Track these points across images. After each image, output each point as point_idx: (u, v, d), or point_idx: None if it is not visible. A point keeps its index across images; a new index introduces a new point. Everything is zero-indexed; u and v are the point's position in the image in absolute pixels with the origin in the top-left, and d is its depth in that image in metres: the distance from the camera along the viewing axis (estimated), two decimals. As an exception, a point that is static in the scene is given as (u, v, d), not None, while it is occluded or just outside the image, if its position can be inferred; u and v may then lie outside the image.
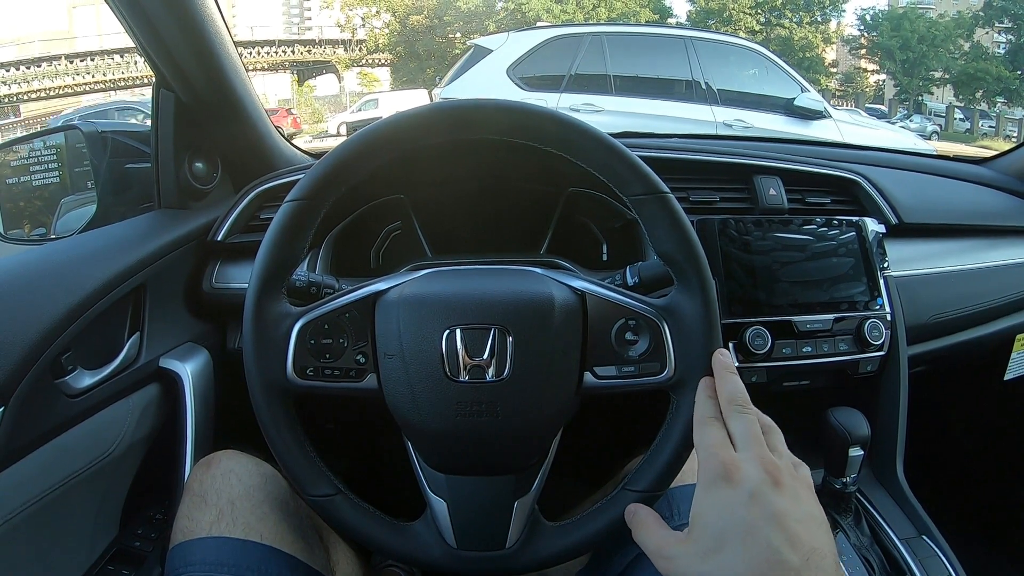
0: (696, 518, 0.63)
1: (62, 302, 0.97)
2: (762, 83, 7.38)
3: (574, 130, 0.80)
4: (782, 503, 0.60)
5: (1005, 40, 29.37)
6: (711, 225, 1.27)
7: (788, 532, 0.58)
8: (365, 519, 0.82)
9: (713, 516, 0.61)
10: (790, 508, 0.60)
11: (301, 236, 0.80)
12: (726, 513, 0.60)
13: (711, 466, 0.64)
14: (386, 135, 0.80)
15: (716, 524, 0.61)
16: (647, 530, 0.69)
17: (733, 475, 0.62)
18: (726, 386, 0.72)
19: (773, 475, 0.62)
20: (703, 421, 0.70)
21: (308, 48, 36.80)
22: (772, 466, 0.63)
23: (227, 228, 1.28)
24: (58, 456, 0.98)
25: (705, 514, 0.62)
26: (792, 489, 0.62)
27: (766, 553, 0.57)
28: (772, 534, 0.57)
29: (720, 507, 0.61)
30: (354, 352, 0.81)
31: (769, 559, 0.56)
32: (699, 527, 0.62)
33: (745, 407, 0.70)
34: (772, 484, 0.61)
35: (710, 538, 0.60)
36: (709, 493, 0.63)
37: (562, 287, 0.83)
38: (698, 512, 0.63)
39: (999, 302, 1.52)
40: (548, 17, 28.17)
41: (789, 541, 0.57)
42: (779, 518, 0.58)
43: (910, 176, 1.58)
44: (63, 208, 1.56)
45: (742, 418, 0.68)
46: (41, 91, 29.84)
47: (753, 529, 0.58)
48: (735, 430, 0.68)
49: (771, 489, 0.61)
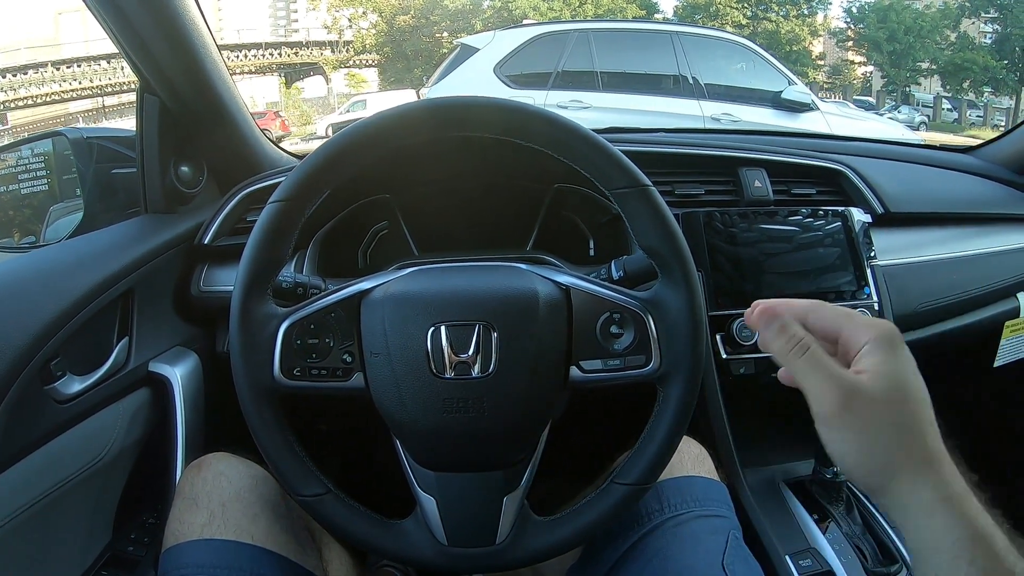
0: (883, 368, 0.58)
1: (50, 308, 0.97)
2: (749, 77, 7.39)
3: (557, 126, 0.81)
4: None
5: (991, 30, 29.44)
6: (696, 218, 1.28)
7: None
8: (355, 518, 0.82)
9: (904, 370, 0.58)
10: None
11: (285, 237, 0.80)
12: (915, 372, 0.59)
13: (884, 328, 0.60)
14: (370, 134, 0.80)
15: (907, 378, 0.58)
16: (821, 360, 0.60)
17: (897, 336, 0.60)
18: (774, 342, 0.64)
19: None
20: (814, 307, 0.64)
21: (295, 50, 36.69)
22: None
23: (214, 231, 1.28)
24: (49, 462, 0.98)
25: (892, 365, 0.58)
26: None
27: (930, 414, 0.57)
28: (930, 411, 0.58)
29: (911, 364, 0.59)
30: (340, 351, 0.81)
31: (931, 419, 0.57)
32: (888, 374, 0.57)
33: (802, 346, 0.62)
34: None
35: (900, 387, 0.57)
36: (898, 350, 0.59)
37: (546, 282, 0.83)
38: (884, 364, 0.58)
39: (987, 289, 1.53)
40: (535, 15, 28.15)
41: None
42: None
43: (896, 166, 1.58)
44: (52, 216, 1.56)
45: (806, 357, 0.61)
46: (28, 99, 29.69)
47: (927, 397, 0.58)
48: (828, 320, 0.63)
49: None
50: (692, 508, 0.93)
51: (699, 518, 0.93)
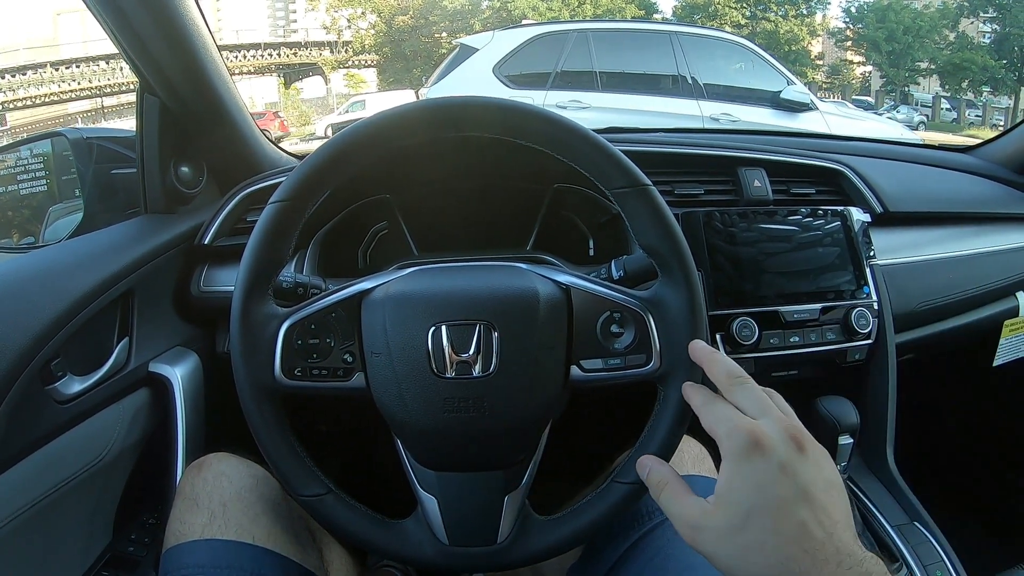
0: (726, 492, 0.61)
1: (50, 309, 0.97)
2: (748, 77, 7.39)
3: (557, 126, 0.81)
4: (808, 473, 0.59)
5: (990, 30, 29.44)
6: (696, 217, 1.28)
7: (815, 505, 0.57)
8: (356, 518, 0.82)
9: (743, 490, 0.59)
10: (815, 478, 0.59)
11: (286, 237, 0.80)
12: (757, 488, 0.59)
13: (737, 438, 0.61)
14: (370, 134, 0.81)
15: (747, 500, 0.59)
16: (672, 495, 0.66)
17: (762, 442, 0.60)
18: (720, 366, 0.70)
19: (797, 440, 0.61)
20: (707, 402, 0.69)
21: (294, 51, 36.68)
22: (794, 430, 0.62)
23: (214, 231, 1.28)
24: (49, 463, 0.98)
25: (736, 488, 0.60)
26: (814, 454, 0.61)
27: (794, 530, 0.56)
28: (801, 510, 0.57)
29: (751, 481, 0.59)
30: (341, 351, 0.82)
31: (798, 534, 0.56)
32: (729, 502, 0.60)
33: (745, 379, 0.68)
34: (798, 451, 0.60)
35: (740, 514, 0.59)
36: (740, 466, 0.60)
37: (546, 282, 0.83)
38: (728, 485, 0.61)
39: (986, 288, 1.53)
40: (534, 15, 28.15)
41: (815, 515, 0.57)
42: (806, 491, 0.58)
43: (895, 165, 1.59)
44: (51, 216, 1.56)
45: (747, 389, 0.67)
46: (27, 99, 29.68)
47: (784, 505, 0.57)
48: (744, 402, 0.66)
49: (798, 457, 0.60)
50: (693, 507, 0.94)
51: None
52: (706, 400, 0.69)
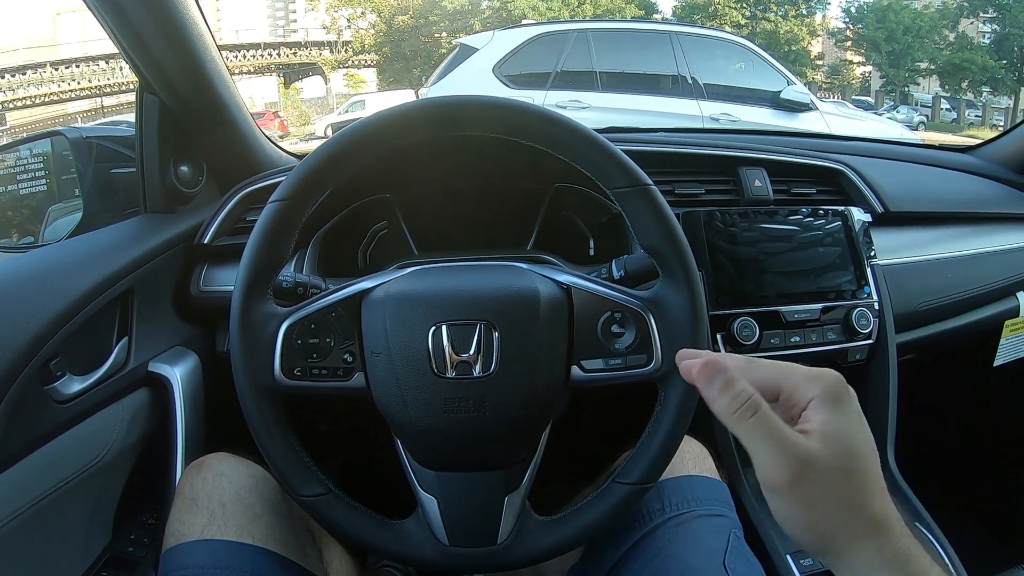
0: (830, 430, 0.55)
1: (49, 308, 0.97)
2: (748, 77, 7.39)
3: (558, 125, 0.81)
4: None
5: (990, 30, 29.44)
6: (697, 217, 1.28)
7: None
8: (356, 518, 0.82)
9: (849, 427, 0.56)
10: None
11: (286, 237, 0.80)
12: (861, 425, 0.57)
13: (830, 380, 0.57)
14: (370, 133, 0.80)
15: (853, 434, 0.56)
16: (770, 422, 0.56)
17: (843, 389, 0.57)
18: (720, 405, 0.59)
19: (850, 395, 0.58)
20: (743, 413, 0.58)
21: (294, 50, 36.67)
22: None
23: (213, 231, 1.28)
24: (49, 462, 0.97)
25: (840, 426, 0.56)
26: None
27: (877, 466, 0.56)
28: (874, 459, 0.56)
29: (855, 419, 0.57)
30: (341, 351, 0.81)
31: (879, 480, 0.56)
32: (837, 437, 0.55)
33: (746, 408, 0.58)
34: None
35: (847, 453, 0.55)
36: (836, 409, 0.56)
37: (547, 282, 0.83)
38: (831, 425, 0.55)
39: (987, 288, 1.53)
40: (533, 15, 28.12)
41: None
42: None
43: (895, 165, 1.59)
44: (51, 216, 1.55)
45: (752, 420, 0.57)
46: (27, 99, 29.67)
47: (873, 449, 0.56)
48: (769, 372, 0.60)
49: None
50: (693, 508, 0.93)
51: (700, 518, 0.93)
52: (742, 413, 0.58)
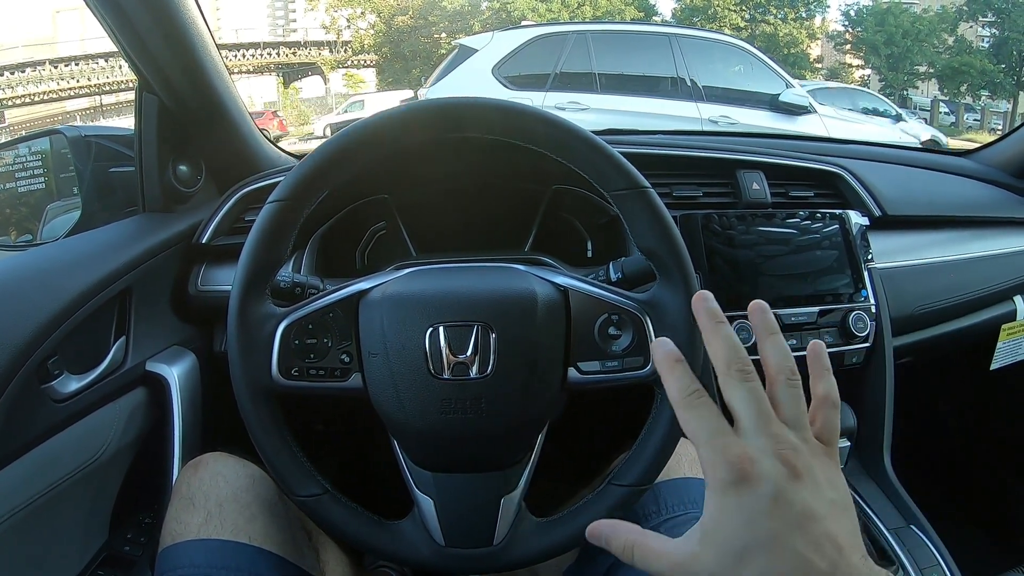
0: (712, 528, 0.53)
1: (47, 307, 0.96)
2: (747, 79, 7.41)
3: (556, 127, 0.81)
4: (806, 500, 0.52)
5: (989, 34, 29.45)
6: (694, 220, 1.28)
7: (815, 534, 0.50)
8: (352, 518, 0.82)
9: (732, 527, 0.52)
10: (813, 503, 0.52)
11: (284, 237, 0.80)
12: (747, 524, 0.51)
13: (720, 468, 0.53)
14: (369, 134, 0.80)
15: (737, 537, 0.52)
16: (645, 551, 0.58)
17: (749, 475, 0.52)
18: (722, 345, 0.58)
19: (791, 465, 0.53)
20: (688, 402, 0.57)
21: (293, 50, 36.64)
22: (789, 452, 0.53)
23: (212, 231, 1.28)
24: (46, 461, 0.97)
25: (723, 525, 0.53)
26: (811, 476, 0.53)
27: (794, 563, 0.50)
28: (798, 542, 0.50)
29: (740, 517, 0.52)
30: (338, 352, 0.81)
31: (797, 568, 0.49)
32: (717, 541, 0.53)
33: (747, 372, 0.57)
34: (791, 478, 0.52)
35: (731, 553, 0.52)
36: (725, 499, 0.53)
37: (545, 283, 0.83)
38: (714, 523, 0.53)
39: (984, 292, 1.53)
40: (533, 16, 28.09)
41: (816, 545, 0.50)
42: (804, 520, 0.51)
43: (893, 168, 1.59)
44: (49, 214, 1.55)
45: (745, 387, 0.56)
46: (25, 97, 29.63)
47: (779, 539, 0.50)
48: (738, 406, 0.56)
49: (792, 486, 0.52)
50: (689, 510, 0.93)
51: (696, 519, 0.92)
52: (685, 399, 0.57)
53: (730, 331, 0.59)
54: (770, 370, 0.59)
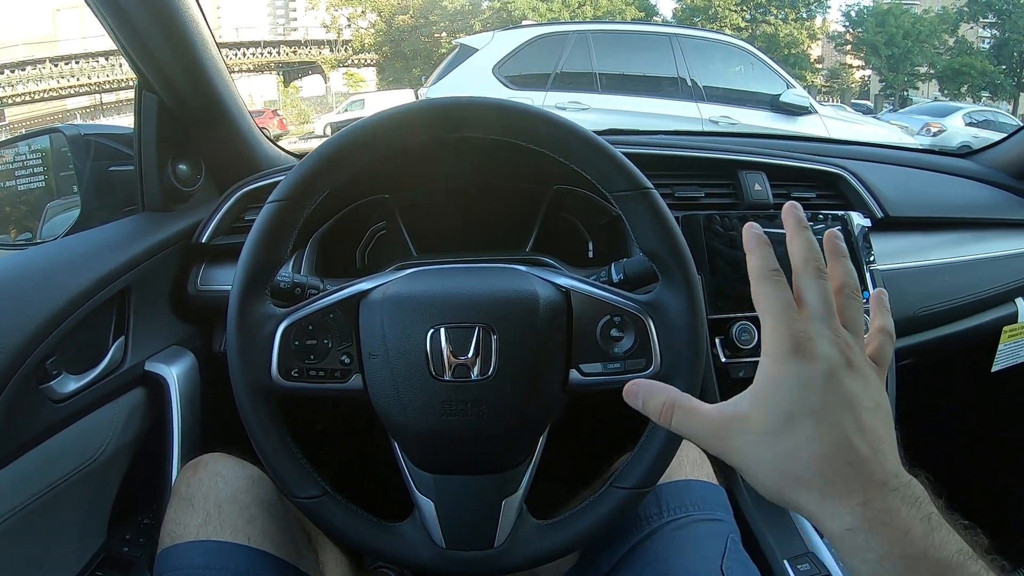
0: (765, 392, 0.55)
1: (45, 307, 0.96)
2: (748, 80, 7.40)
3: (558, 127, 0.80)
4: (855, 388, 0.54)
5: (989, 35, 29.51)
6: (696, 221, 1.27)
7: (860, 421, 0.53)
8: (352, 520, 0.82)
9: (786, 392, 0.54)
10: (861, 394, 0.54)
11: (284, 237, 0.79)
12: (801, 390, 0.54)
13: (782, 337, 0.55)
14: (370, 134, 0.80)
15: (787, 402, 0.54)
16: (685, 414, 0.60)
17: (807, 349, 0.54)
18: (800, 245, 0.61)
19: (847, 355, 0.55)
20: (764, 276, 0.59)
21: (294, 49, 36.71)
22: (846, 344, 0.56)
23: (211, 230, 1.27)
24: (44, 462, 0.97)
25: (777, 388, 0.55)
26: (863, 372, 0.56)
27: (838, 438, 0.52)
28: (845, 419, 0.52)
29: (795, 383, 0.54)
30: (339, 352, 0.81)
31: (841, 444, 0.52)
32: (768, 403, 0.55)
33: (821, 271, 0.60)
34: (846, 365, 0.55)
35: (780, 416, 0.54)
36: (783, 365, 0.55)
37: (546, 284, 0.83)
38: (768, 385, 0.55)
39: (986, 294, 1.53)
40: (534, 16, 28.13)
41: (860, 429, 0.52)
42: (852, 403, 0.53)
43: (895, 170, 1.58)
44: (49, 212, 1.55)
45: (818, 284, 0.59)
46: (25, 95, 29.67)
47: (827, 412, 0.53)
48: (809, 296, 0.59)
49: (845, 371, 0.55)
50: (691, 512, 0.93)
51: (698, 522, 0.92)
52: (762, 273, 0.60)
53: (811, 236, 0.62)
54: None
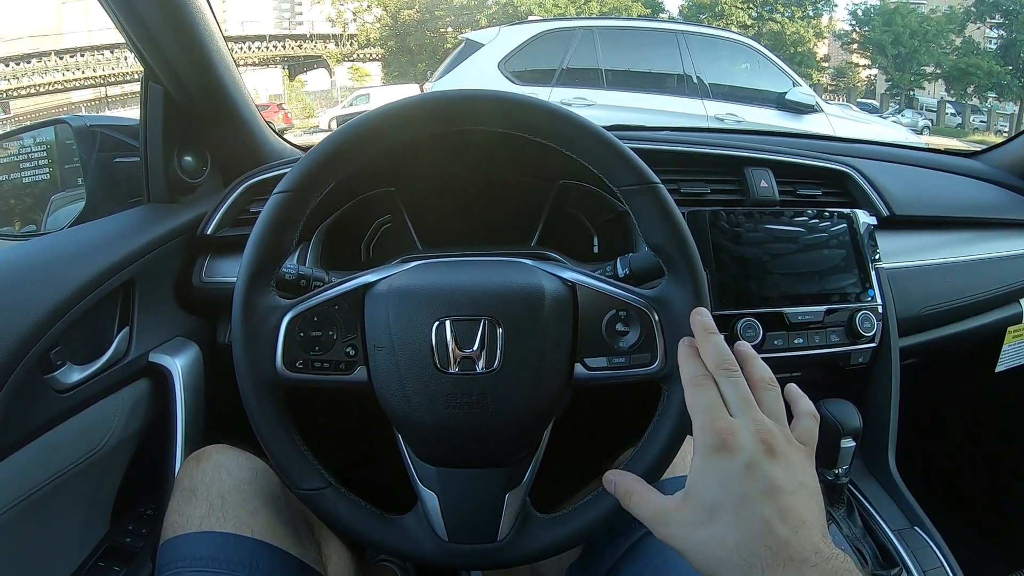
0: (693, 486, 0.64)
1: (50, 298, 0.96)
2: (754, 77, 7.38)
3: (565, 121, 0.80)
4: (776, 474, 0.61)
5: (996, 35, 29.38)
6: (702, 217, 1.27)
7: (780, 505, 0.59)
8: (356, 513, 0.82)
9: (709, 486, 0.62)
10: (783, 479, 0.61)
11: (290, 228, 0.79)
12: (722, 484, 0.61)
13: (707, 434, 0.64)
14: (376, 126, 0.80)
15: (711, 494, 0.62)
16: (640, 498, 0.70)
17: (729, 444, 0.62)
18: (711, 351, 0.71)
19: (767, 443, 0.62)
20: (694, 382, 0.69)
21: (299, 43, 36.61)
22: (766, 433, 0.63)
23: (216, 222, 1.27)
24: (48, 452, 0.97)
25: (702, 483, 0.63)
26: (785, 457, 0.63)
27: (758, 525, 0.58)
28: (765, 507, 0.59)
29: (716, 478, 0.62)
30: (344, 344, 0.81)
31: (760, 531, 0.58)
32: (695, 496, 0.63)
33: (732, 370, 0.69)
34: (766, 453, 0.62)
35: (704, 508, 0.62)
36: (706, 462, 0.63)
37: (552, 278, 0.82)
38: (695, 480, 0.64)
39: (990, 294, 1.52)
40: (539, 11, 28.04)
41: (780, 513, 0.58)
42: (772, 490, 0.60)
43: (901, 169, 1.58)
44: (54, 204, 1.55)
45: (731, 382, 0.68)
46: (31, 88, 29.65)
47: (747, 501, 0.59)
48: (727, 394, 0.67)
49: (765, 459, 0.61)
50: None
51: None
52: (692, 379, 0.70)
53: (719, 339, 0.72)
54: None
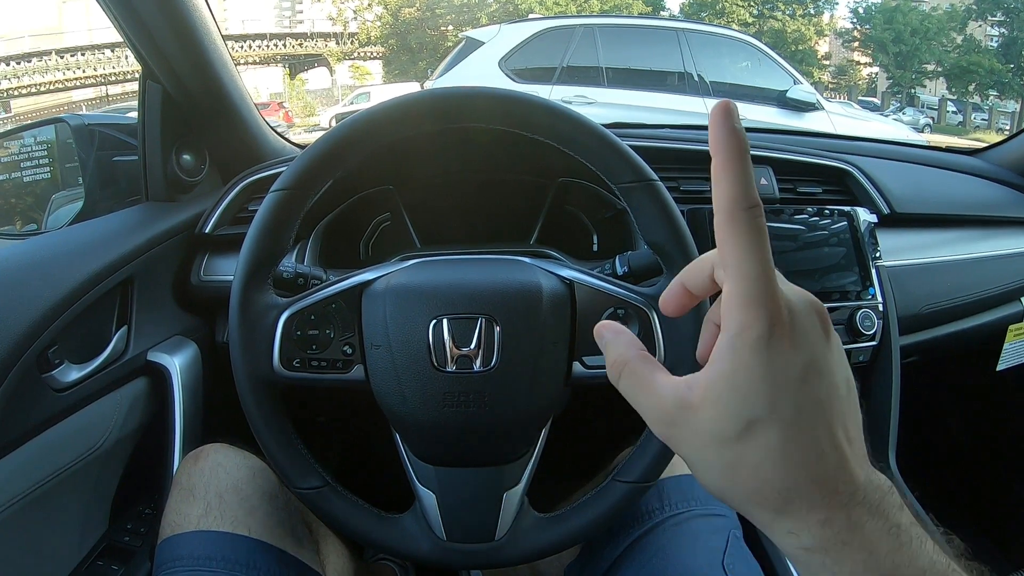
0: (717, 387, 0.41)
1: (48, 296, 0.96)
2: (755, 75, 7.36)
3: (564, 118, 0.80)
4: (834, 372, 0.42)
5: (998, 33, 29.39)
6: (702, 214, 1.27)
7: (834, 419, 0.40)
8: (353, 511, 0.82)
9: (746, 393, 0.40)
10: (839, 379, 0.42)
11: (287, 226, 0.79)
12: (771, 391, 0.40)
13: (752, 312, 0.41)
14: (373, 123, 0.80)
15: (754, 404, 0.40)
16: (635, 378, 0.47)
17: (787, 331, 0.40)
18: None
19: (825, 325, 0.43)
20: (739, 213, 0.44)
21: (300, 41, 36.62)
22: (821, 307, 0.44)
23: (215, 220, 1.27)
24: (46, 451, 0.97)
25: (737, 385, 0.40)
26: (836, 340, 0.44)
27: (806, 453, 0.39)
28: (818, 427, 0.40)
29: (761, 384, 0.40)
30: (341, 343, 0.81)
31: (808, 460, 0.40)
32: (726, 403, 0.41)
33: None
34: (824, 339, 0.42)
35: (739, 420, 0.40)
36: (748, 356, 0.40)
37: (550, 276, 0.82)
38: (727, 378, 0.41)
39: (991, 292, 1.52)
40: (540, 9, 28.08)
41: (832, 433, 0.40)
42: (829, 398, 0.41)
43: (902, 166, 1.58)
44: (54, 203, 1.56)
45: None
46: (31, 87, 29.68)
47: (801, 417, 0.40)
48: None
49: (824, 350, 0.42)
50: (693, 507, 0.93)
51: (700, 517, 0.92)
52: (739, 212, 0.44)
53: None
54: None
